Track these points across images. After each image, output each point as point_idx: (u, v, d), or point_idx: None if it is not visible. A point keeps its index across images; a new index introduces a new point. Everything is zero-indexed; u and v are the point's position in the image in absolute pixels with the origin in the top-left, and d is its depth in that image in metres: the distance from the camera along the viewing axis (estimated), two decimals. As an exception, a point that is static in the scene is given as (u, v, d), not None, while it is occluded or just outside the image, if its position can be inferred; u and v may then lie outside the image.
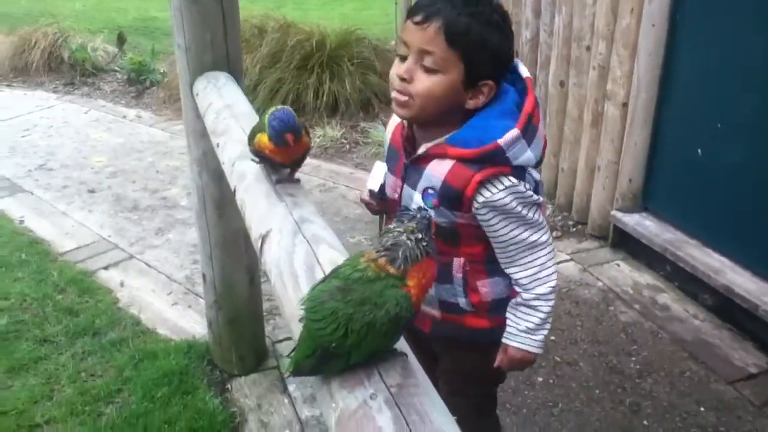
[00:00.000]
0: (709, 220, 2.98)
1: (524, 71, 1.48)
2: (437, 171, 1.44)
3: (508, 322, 1.55)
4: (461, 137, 1.41)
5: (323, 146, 4.73)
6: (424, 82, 1.37)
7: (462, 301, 1.58)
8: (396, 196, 1.57)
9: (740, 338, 2.77)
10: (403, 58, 1.40)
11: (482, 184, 1.39)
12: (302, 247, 1.23)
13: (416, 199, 1.49)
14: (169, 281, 3.26)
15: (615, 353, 2.70)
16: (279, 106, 1.47)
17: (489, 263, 1.54)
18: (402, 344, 1.00)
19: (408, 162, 1.51)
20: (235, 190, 1.62)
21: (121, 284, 3.22)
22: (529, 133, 1.41)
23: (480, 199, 1.40)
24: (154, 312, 3.00)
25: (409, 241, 0.91)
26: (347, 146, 4.77)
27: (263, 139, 1.48)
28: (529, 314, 1.52)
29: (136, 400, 2.42)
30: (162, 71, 6.17)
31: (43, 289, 3.10)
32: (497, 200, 1.39)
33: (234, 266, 2.51)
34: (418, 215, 0.94)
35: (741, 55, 2.70)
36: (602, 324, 2.87)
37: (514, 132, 1.38)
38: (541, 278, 1.50)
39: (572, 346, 2.74)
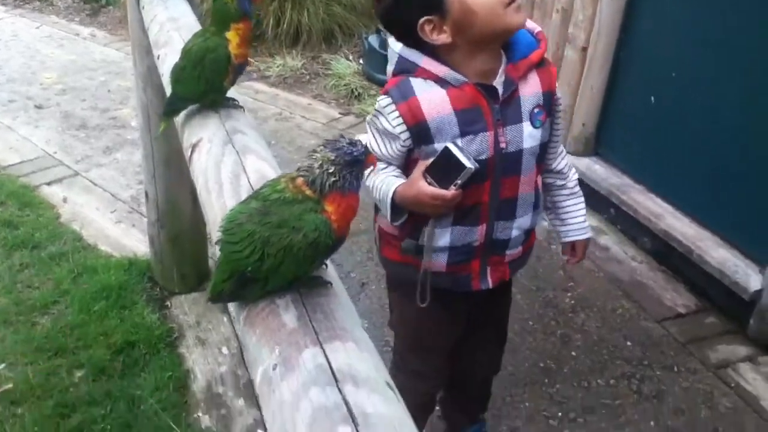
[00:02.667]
0: (656, 167, 3.03)
1: None
2: (532, 88, 1.43)
3: (567, 218, 1.64)
4: (523, 44, 1.42)
5: (282, 75, 4.64)
6: None
7: (539, 215, 1.62)
8: (492, 150, 1.42)
9: (674, 281, 2.86)
10: None
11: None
12: (231, 157, 1.22)
13: (526, 130, 1.43)
14: (114, 200, 3.21)
15: (552, 288, 2.77)
16: None
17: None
18: (330, 273, 0.96)
19: (499, 105, 1.40)
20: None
21: (64, 200, 3.16)
22: None
23: (557, 90, 1.49)
24: (97, 228, 2.97)
25: (318, 169, 0.87)
26: (307, 77, 4.69)
27: (233, 40, 1.36)
28: (579, 202, 1.63)
29: (73, 312, 2.41)
30: (120, -11, 5.94)
31: (-19, 201, 3.03)
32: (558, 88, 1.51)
33: (177, 185, 2.48)
34: (345, 149, 0.88)
35: (701, 7, 2.70)
36: (542, 261, 2.93)
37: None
38: (570, 164, 1.62)
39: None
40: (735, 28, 2.57)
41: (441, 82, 1.38)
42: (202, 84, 1.39)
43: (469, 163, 1.34)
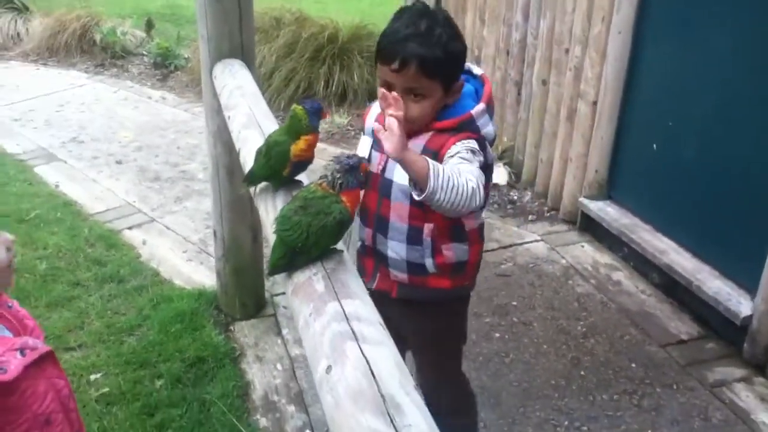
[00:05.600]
0: (660, 208, 3.37)
1: (478, 70, 1.81)
2: (419, 140, 1.68)
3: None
4: (443, 115, 1.70)
5: (330, 132, 5.16)
6: (415, 110, 1.64)
7: (428, 262, 1.80)
8: (380, 168, 1.77)
9: (679, 311, 3.16)
10: (387, 85, 1.63)
11: (454, 144, 1.65)
12: (282, 194, 1.67)
13: (399, 169, 1.64)
14: (185, 242, 3.71)
15: (566, 318, 3.10)
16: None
17: (454, 230, 1.78)
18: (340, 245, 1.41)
19: None
20: (239, 152, 2.05)
21: (143, 242, 3.68)
22: (489, 110, 1.74)
23: (446, 155, 1.64)
24: (171, 266, 3.46)
25: (331, 177, 1.36)
26: (352, 132, 5.20)
27: (299, 144, 1.59)
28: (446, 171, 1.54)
29: (154, 333, 2.87)
30: (186, 57, 6.62)
31: (75, 243, 3.56)
32: (456, 147, 1.65)
33: (240, 225, 2.95)
34: (344, 162, 1.37)
35: (693, 64, 3.08)
36: (559, 294, 3.28)
37: (481, 106, 1.71)
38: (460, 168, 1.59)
39: (530, 311, 3.15)
40: (723, 80, 2.93)
41: None
42: (268, 170, 1.70)
43: (359, 151, 1.78)
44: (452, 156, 1.64)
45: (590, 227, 3.77)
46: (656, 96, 3.31)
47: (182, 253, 3.60)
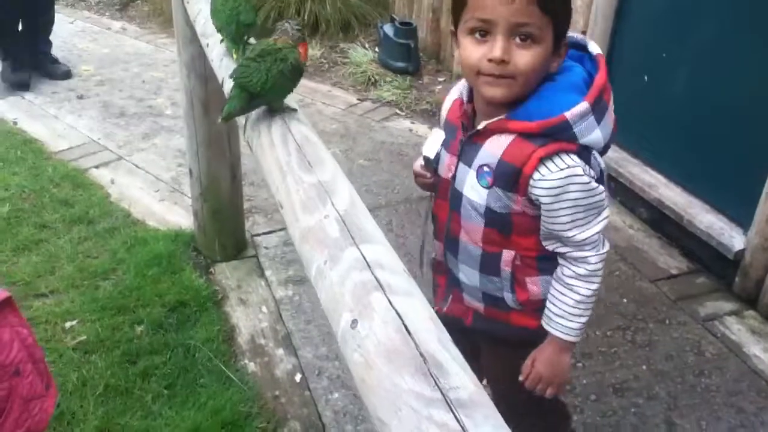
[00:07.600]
0: (651, 142, 3.29)
1: (595, 48, 1.39)
2: (495, 147, 1.33)
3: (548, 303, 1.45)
4: (525, 110, 1.30)
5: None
6: (525, 58, 1.24)
7: (508, 296, 1.48)
8: (450, 174, 1.44)
9: (668, 246, 3.13)
10: (481, 38, 1.26)
11: (542, 161, 1.28)
12: (279, 123, 1.51)
13: (470, 179, 1.38)
14: (156, 181, 3.52)
15: (556, 254, 3.04)
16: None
17: (542, 260, 1.44)
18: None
19: (465, 138, 1.39)
20: (223, 82, 1.88)
21: (112, 182, 3.48)
22: (598, 110, 1.30)
23: (536, 176, 1.29)
24: (143, 206, 3.29)
25: (292, 30, 1.45)
26: (326, 65, 4.97)
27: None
28: (560, 293, 1.41)
29: (130, 277, 2.72)
30: (147, -16, 6.23)
31: (39, 183, 3.35)
32: (554, 181, 1.29)
33: (218, 163, 2.78)
34: (295, 19, 1.36)
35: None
36: (548, 230, 3.21)
37: (583, 105, 1.27)
38: (575, 256, 1.40)
39: (519, 247, 3.08)
40: (719, 10, 2.81)
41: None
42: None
43: (425, 150, 1.46)
44: (545, 202, 1.31)
45: (576, 162, 3.68)
46: (649, 26, 3.18)
47: (154, 192, 3.42)
